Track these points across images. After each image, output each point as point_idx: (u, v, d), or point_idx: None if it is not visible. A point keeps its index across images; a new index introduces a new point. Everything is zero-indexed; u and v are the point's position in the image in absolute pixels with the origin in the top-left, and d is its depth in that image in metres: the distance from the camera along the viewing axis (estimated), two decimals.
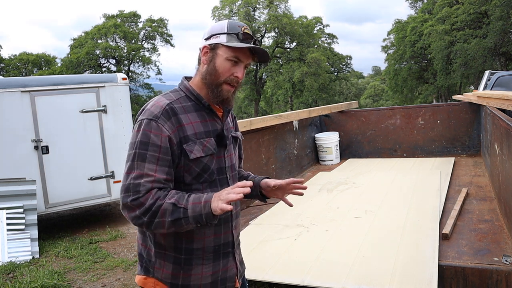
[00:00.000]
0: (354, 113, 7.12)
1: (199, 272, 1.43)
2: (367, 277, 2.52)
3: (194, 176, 1.40)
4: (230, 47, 1.39)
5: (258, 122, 4.72)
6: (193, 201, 1.28)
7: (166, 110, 1.36)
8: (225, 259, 1.50)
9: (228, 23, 1.43)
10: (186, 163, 1.38)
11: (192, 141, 1.38)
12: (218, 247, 1.46)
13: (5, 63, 30.96)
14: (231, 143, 1.54)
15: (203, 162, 1.40)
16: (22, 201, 5.00)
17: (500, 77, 7.90)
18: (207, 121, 1.44)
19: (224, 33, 1.40)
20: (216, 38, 1.41)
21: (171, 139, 1.34)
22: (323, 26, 36.84)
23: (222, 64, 1.40)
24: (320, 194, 4.66)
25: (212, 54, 1.42)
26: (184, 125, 1.38)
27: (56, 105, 5.63)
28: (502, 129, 3.32)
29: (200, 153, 1.38)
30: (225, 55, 1.40)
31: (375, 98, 50.19)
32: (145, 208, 1.28)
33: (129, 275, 4.12)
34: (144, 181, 1.30)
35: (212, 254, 1.45)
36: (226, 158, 1.50)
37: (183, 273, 1.42)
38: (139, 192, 1.29)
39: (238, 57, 1.41)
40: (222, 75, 1.41)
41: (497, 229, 3.11)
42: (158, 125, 1.33)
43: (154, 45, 33.50)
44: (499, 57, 24.76)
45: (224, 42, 1.39)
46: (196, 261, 1.43)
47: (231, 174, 1.53)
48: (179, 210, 1.27)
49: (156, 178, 1.31)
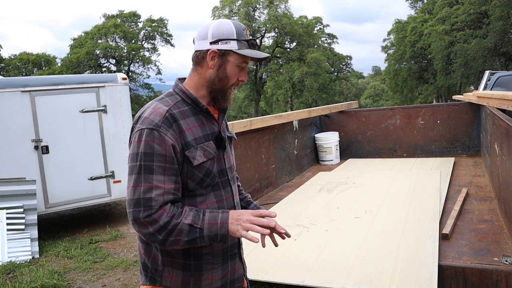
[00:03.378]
0: (354, 113, 7.12)
1: (209, 277, 1.42)
2: (367, 277, 2.52)
3: (197, 182, 1.38)
4: (241, 55, 1.40)
5: (258, 122, 4.72)
6: (209, 221, 1.29)
7: (167, 117, 1.32)
8: (233, 260, 1.49)
9: (236, 28, 1.40)
10: (190, 169, 1.35)
11: (193, 147, 1.35)
12: (226, 250, 1.46)
13: (5, 63, 30.99)
14: (228, 144, 1.54)
15: (205, 167, 1.38)
16: (22, 201, 5.00)
17: (500, 77, 7.89)
18: (205, 124, 1.42)
19: (234, 39, 1.38)
20: (226, 44, 1.38)
21: (175, 147, 1.31)
22: (323, 26, 36.86)
23: (232, 70, 1.41)
24: (320, 194, 4.66)
25: (222, 60, 1.39)
26: (184, 131, 1.35)
27: (56, 105, 5.63)
28: (502, 129, 3.32)
29: (202, 158, 1.36)
30: (236, 62, 1.40)
31: (375, 98, 50.21)
32: (160, 226, 1.26)
33: (129, 275, 4.12)
34: (155, 195, 1.26)
35: (221, 258, 1.45)
36: (226, 160, 1.49)
37: (193, 280, 1.40)
38: (151, 207, 1.26)
39: (246, 62, 1.43)
40: (231, 80, 1.42)
41: (497, 229, 3.11)
42: (160, 134, 1.29)
43: (154, 45, 33.53)
44: (499, 57, 24.76)
45: (235, 49, 1.38)
46: (206, 266, 1.41)
47: (231, 175, 1.52)
48: (195, 230, 1.28)
49: (166, 189, 1.29)
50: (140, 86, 33.71)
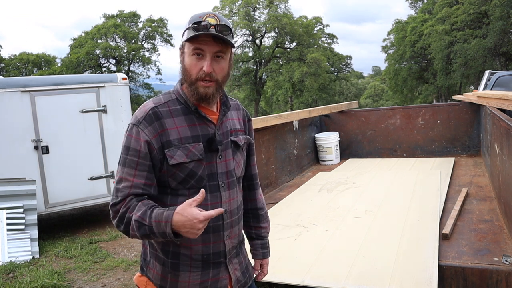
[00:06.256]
0: (354, 113, 7.12)
1: (186, 279, 1.40)
2: (367, 277, 2.52)
3: (179, 181, 1.36)
4: (189, 41, 1.31)
5: (258, 122, 4.72)
6: (155, 219, 1.23)
7: (149, 114, 1.34)
8: (216, 269, 1.44)
9: (192, 17, 1.34)
10: (169, 168, 1.34)
11: (175, 146, 1.33)
12: (207, 256, 1.41)
13: (5, 63, 30.98)
14: (228, 148, 1.45)
15: (188, 168, 1.35)
16: (22, 201, 5.00)
17: (500, 77, 7.90)
18: (196, 125, 1.38)
19: (187, 29, 1.33)
20: (183, 37, 1.35)
21: (150, 144, 1.32)
22: (323, 26, 36.85)
23: (189, 61, 1.34)
24: (320, 194, 4.66)
25: (182, 53, 1.38)
26: (168, 130, 1.34)
27: (56, 105, 5.63)
28: (502, 129, 3.32)
29: (182, 158, 1.33)
30: (188, 51, 1.34)
31: (375, 98, 50.22)
32: (119, 217, 1.30)
33: (129, 275, 4.12)
34: (122, 186, 1.32)
35: (201, 263, 1.41)
36: (219, 164, 1.41)
37: (170, 277, 1.41)
38: (117, 197, 1.31)
39: (198, 48, 1.31)
40: (191, 72, 1.34)
41: (497, 229, 3.11)
42: (138, 130, 1.33)
43: (154, 45, 33.54)
44: (499, 57, 24.77)
45: (186, 38, 1.32)
46: (183, 267, 1.40)
47: (226, 181, 1.43)
48: (144, 227, 1.25)
49: (134, 183, 1.31)
50: (140, 86, 33.72)
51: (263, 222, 1.71)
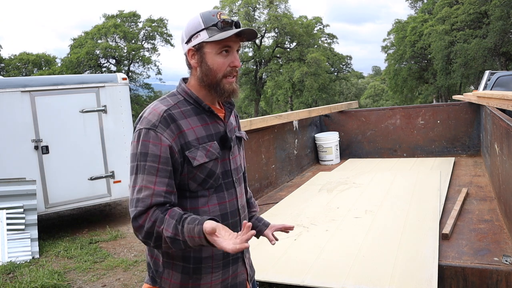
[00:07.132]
0: (354, 113, 7.12)
1: (208, 281, 1.39)
2: (367, 277, 2.52)
3: (199, 182, 1.35)
4: (215, 41, 1.32)
5: (258, 122, 4.72)
6: (188, 234, 1.19)
7: (164, 117, 1.30)
8: (235, 265, 1.46)
9: (202, 16, 1.34)
10: (190, 170, 1.32)
11: (194, 147, 1.32)
12: (227, 254, 1.41)
13: (5, 63, 30.97)
14: (235, 144, 1.48)
15: (207, 168, 1.35)
16: (22, 201, 5.00)
17: (500, 77, 7.90)
18: (209, 124, 1.38)
19: (203, 29, 1.33)
20: (197, 38, 1.34)
21: (172, 147, 1.28)
22: (323, 26, 36.85)
23: (215, 60, 1.34)
24: (320, 194, 4.66)
25: (199, 55, 1.35)
26: (185, 131, 1.32)
27: (56, 105, 5.63)
28: (502, 129, 3.32)
29: (203, 158, 1.33)
30: (213, 51, 1.33)
31: (375, 98, 50.21)
32: (146, 233, 1.24)
33: (129, 275, 4.12)
34: (143, 196, 1.25)
35: (222, 262, 1.41)
36: (231, 161, 1.44)
37: (192, 283, 1.38)
38: (137, 208, 1.26)
39: (227, 46, 1.33)
40: (218, 71, 1.34)
41: (497, 229, 3.11)
42: (156, 134, 1.28)
43: (154, 45, 33.50)
44: (499, 57, 24.76)
45: (206, 39, 1.32)
46: (206, 269, 1.39)
47: (237, 176, 1.47)
48: (179, 243, 1.22)
49: (156, 191, 1.26)
50: (140, 86, 33.69)
51: (253, 207, 1.76)
